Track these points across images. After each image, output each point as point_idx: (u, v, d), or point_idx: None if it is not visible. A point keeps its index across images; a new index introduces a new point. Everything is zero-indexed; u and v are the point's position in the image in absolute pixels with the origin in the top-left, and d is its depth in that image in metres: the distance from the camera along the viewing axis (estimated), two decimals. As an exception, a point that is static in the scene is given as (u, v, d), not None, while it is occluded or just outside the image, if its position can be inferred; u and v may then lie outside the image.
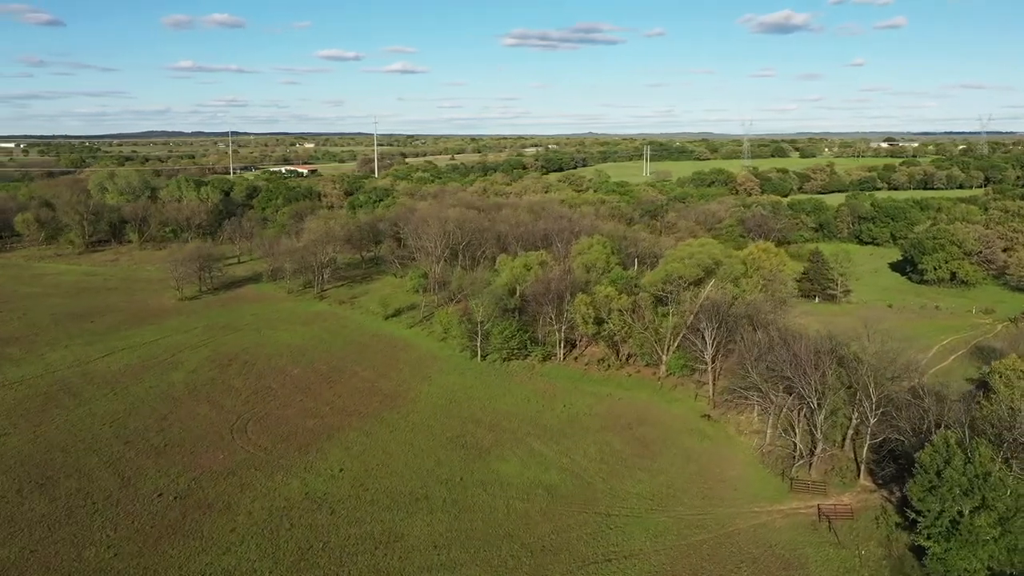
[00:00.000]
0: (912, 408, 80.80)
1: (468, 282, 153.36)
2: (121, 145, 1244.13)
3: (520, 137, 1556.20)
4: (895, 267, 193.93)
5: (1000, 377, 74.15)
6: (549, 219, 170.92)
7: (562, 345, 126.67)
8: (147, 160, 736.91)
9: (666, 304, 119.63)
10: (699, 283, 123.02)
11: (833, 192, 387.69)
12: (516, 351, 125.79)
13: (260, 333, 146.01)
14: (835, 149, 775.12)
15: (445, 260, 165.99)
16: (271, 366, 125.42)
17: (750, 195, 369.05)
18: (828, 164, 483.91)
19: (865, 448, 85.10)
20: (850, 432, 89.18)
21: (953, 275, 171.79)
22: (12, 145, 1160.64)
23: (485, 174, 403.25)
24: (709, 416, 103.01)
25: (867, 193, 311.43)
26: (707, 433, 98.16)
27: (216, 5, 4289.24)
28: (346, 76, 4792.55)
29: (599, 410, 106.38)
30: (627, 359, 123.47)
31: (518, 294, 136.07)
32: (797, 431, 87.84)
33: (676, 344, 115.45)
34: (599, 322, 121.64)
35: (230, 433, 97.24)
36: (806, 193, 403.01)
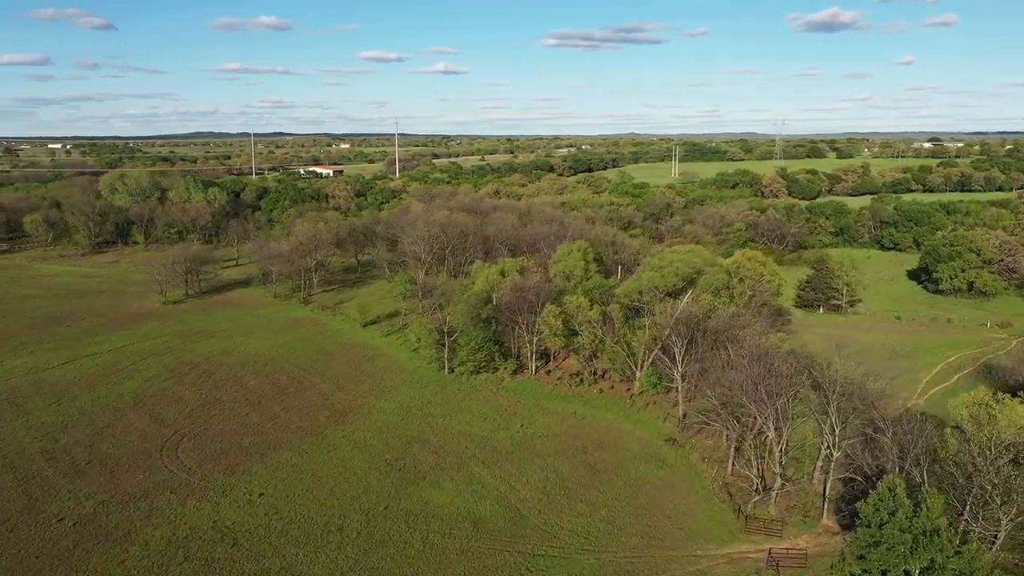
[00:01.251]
0: (873, 444, 72.10)
1: (449, 289, 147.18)
2: (163, 146, 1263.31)
3: (557, 138, 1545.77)
4: (912, 275, 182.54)
5: (967, 412, 65.14)
6: (538, 223, 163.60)
7: (533, 358, 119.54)
8: (182, 160, 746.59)
9: (642, 316, 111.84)
10: (679, 293, 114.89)
11: (864, 194, 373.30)
12: (484, 364, 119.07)
13: (231, 340, 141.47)
14: (875, 149, 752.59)
15: (431, 265, 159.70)
16: (229, 376, 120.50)
17: (776, 197, 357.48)
18: (863, 165, 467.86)
19: (827, 484, 76.55)
20: (819, 464, 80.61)
21: (971, 285, 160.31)
22: (59, 146, 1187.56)
23: (504, 175, 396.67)
24: (675, 440, 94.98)
25: (894, 196, 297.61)
26: (667, 460, 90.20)
27: (264, 8, 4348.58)
28: (389, 77, 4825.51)
29: (558, 431, 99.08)
30: (602, 374, 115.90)
31: (494, 302, 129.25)
32: (754, 463, 79.56)
33: (651, 360, 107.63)
34: (572, 334, 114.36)
35: (160, 451, 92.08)
36: (836, 195, 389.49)
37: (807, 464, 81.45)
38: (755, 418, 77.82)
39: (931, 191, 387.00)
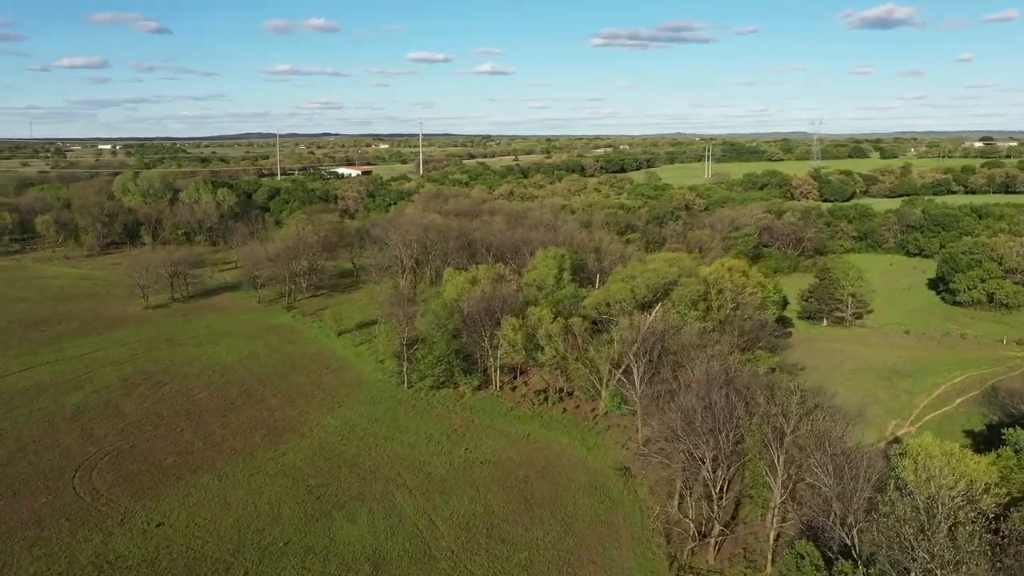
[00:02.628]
0: (815, 492, 62.94)
1: (428, 297, 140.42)
2: (207, 146, 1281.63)
3: (598, 138, 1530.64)
4: (932, 284, 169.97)
5: (911, 461, 55.49)
6: (527, 227, 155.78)
7: (498, 374, 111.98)
8: (221, 160, 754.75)
9: (609, 330, 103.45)
10: (652, 306, 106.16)
11: (901, 196, 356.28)
12: (445, 379, 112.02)
13: (199, 348, 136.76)
14: (922, 149, 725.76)
15: (414, 271, 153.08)
16: (181, 387, 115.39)
17: (807, 198, 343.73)
18: (904, 165, 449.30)
19: (773, 531, 67.50)
20: (773, 507, 71.52)
21: (991, 296, 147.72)
22: (108, 147, 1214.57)
23: (527, 175, 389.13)
24: (628, 470, 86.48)
25: (925, 199, 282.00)
26: (612, 493, 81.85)
27: (313, 10, 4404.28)
28: (436, 78, 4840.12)
29: (503, 456, 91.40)
30: (568, 392, 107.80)
31: (465, 312, 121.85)
32: (691, 504, 70.80)
33: (617, 378, 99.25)
34: (538, 348, 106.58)
35: (75, 471, 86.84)
36: (873, 197, 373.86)
37: (759, 507, 72.45)
38: (694, 452, 69.07)
39: (973, 192, 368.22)
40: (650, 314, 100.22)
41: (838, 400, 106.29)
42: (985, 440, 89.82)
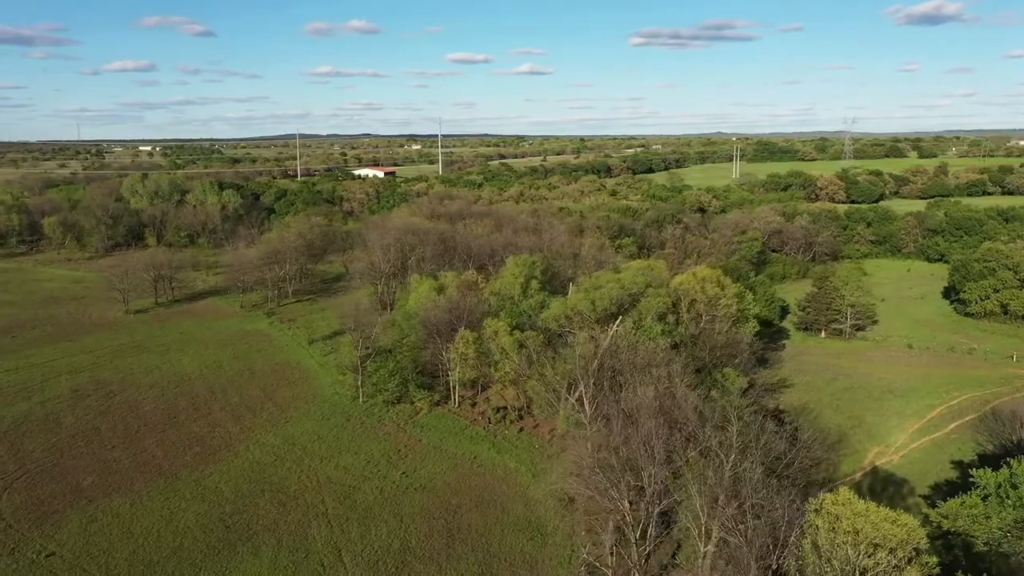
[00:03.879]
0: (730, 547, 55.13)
1: (400, 304, 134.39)
2: (246, 148, 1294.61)
3: (632, 138, 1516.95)
4: (947, 293, 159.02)
5: (827, 519, 47.19)
6: (510, 232, 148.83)
7: (456, 389, 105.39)
8: (253, 161, 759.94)
9: (569, 345, 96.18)
10: (618, 318, 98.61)
11: (933, 197, 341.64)
12: (400, 394, 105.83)
13: (164, 356, 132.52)
14: (964, 148, 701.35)
15: (392, 276, 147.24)
16: (130, 399, 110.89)
17: (833, 200, 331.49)
18: (940, 165, 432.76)
19: (700, 582, 59.84)
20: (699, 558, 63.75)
21: (1005, 308, 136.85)
22: (148, 148, 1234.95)
23: (545, 176, 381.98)
24: (572, 501, 79.09)
25: (952, 199, 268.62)
26: (546, 528, 74.66)
27: (354, 12, 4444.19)
28: (475, 78, 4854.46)
29: (442, 481, 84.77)
30: (531, 410, 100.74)
31: (430, 322, 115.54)
32: (607, 546, 63.27)
33: (575, 397, 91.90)
34: (493, 364, 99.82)
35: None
36: (904, 198, 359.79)
37: (692, 551, 64.70)
38: (613, 493, 61.63)
39: (1010, 193, 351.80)
40: (610, 328, 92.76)
41: (820, 422, 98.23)
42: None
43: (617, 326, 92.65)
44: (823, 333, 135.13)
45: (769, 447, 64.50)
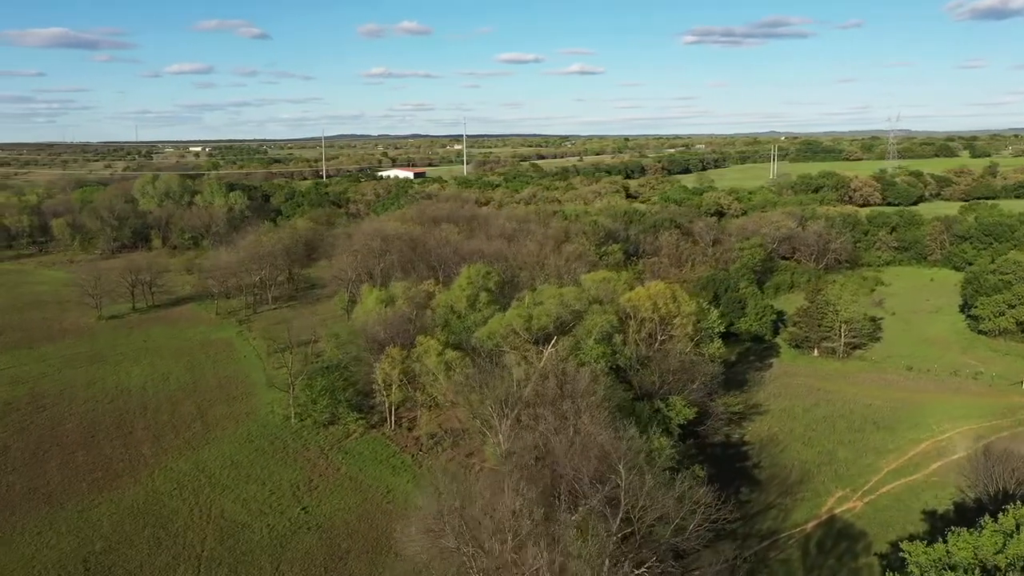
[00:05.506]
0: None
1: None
2: (291, 148, 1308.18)
3: (677, 137, 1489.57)
4: (965, 307, 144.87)
5: None
6: (484, 237, 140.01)
7: (393, 411, 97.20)
8: (292, 161, 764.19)
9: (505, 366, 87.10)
10: (562, 336, 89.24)
11: (978, 199, 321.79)
12: (330, 415, 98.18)
13: (116, 367, 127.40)
14: (1021, 147, 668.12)
15: (360, 284, 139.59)
16: (57, 415, 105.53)
17: (867, 203, 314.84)
18: (990, 165, 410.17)
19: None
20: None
21: (1021, 325, 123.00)
22: (198, 148, 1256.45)
23: (566, 178, 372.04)
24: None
25: (991, 203, 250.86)
26: (437, 581, 65.81)
27: (405, 14, 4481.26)
28: (525, 78, 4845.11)
29: (341, 520, 76.67)
30: (465, 436, 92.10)
31: (377, 337, 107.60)
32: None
33: (507, 424, 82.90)
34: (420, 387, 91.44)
35: None
36: (945, 200, 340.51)
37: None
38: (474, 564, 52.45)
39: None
40: (544, 351, 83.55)
41: (784, 458, 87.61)
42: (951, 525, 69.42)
43: (552, 348, 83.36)
44: (816, 351, 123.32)
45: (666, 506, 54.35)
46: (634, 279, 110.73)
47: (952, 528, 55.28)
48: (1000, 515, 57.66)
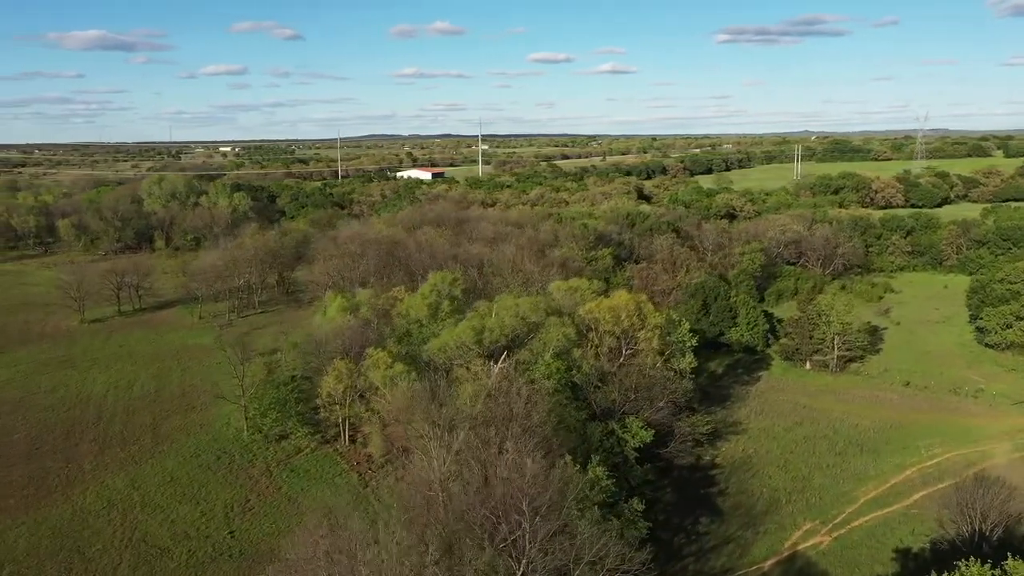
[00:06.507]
0: None
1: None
2: (319, 148, 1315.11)
3: (707, 136, 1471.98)
4: (974, 317, 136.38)
5: None
6: (465, 240, 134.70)
7: (346, 427, 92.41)
8: (317, 161, 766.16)
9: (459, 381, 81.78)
10: (514, 350, 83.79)
11: (1007, 200, 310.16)
12: (281, 429, 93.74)
13: (84, 373, 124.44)
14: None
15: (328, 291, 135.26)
16: (6, 425, 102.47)
17: (890, 204, 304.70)
18: (1022, 166, 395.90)
19: None
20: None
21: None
22: (227, 148, 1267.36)
23: (580, 179, 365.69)
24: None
25: (1013, 205, 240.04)
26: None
27: (438, 14, 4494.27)
28: (556, 78, 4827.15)
29: (267, 547, 71.91)
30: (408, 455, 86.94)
31: (338, 346, 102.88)
32: None
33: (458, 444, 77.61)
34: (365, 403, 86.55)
35: None
36: (973, 201, 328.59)
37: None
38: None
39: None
40: (494, 367, 78.13)
41: (755, 483, 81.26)
42: (926, 566, 62.90)
43: (501, 364, 77.91)
44: (808, 365, 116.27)
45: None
46: (614, 286, 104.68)
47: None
48: (973, 563, 51.20)
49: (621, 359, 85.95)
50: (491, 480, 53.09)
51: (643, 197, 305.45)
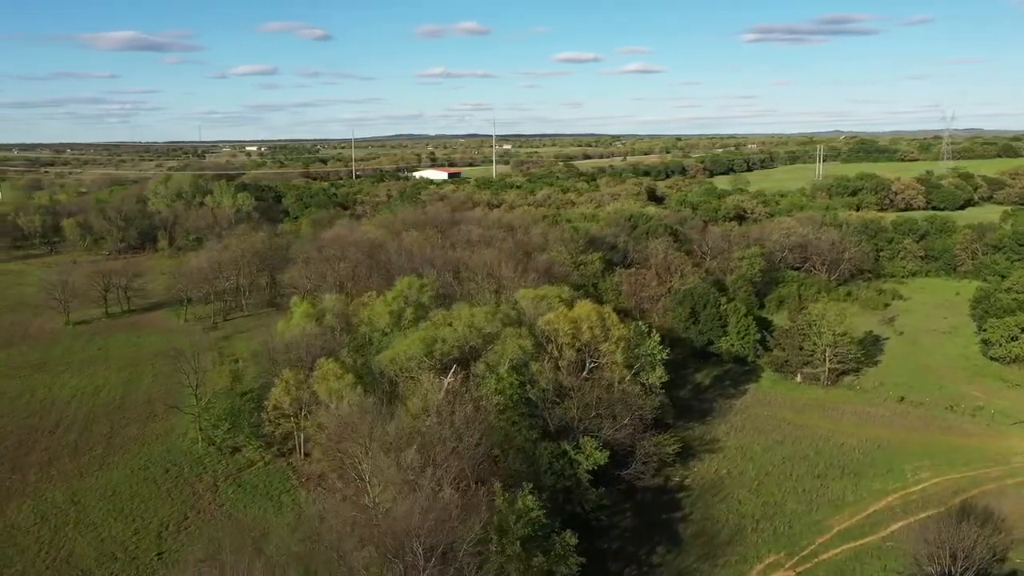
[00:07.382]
0: None
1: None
2: (343, 148, 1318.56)
3: (732, 136, 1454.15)
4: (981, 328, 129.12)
5: None
6: (448, 244, 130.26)
7: (301, 439, 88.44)
8: (337, 160, 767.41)
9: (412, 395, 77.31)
10: (469, 363, 79.23)
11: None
12: (233, 441, 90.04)
13: (56, 377, 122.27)
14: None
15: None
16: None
17: (911, 206, 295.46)
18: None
19: None
20: None
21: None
22: (253, 148, 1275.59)
23: (593, 179, 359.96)
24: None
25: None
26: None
27: (464, 14, 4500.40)
28: (583, 78, 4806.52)
29: (195, 571, 67.79)
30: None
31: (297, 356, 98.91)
32: None
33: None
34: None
35: None
36: (998, 203, 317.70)
37: None
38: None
39: None
40: (444, 381, 73.58)
41: (722, 508, 75.89)
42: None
43: (450, 378, 73.35)
44: (798, 377, 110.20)
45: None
46: (603, 291, 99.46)
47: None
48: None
49: (584, 373, 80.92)
50: (393, 512, 48.56)
51: (655, 198, 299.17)
